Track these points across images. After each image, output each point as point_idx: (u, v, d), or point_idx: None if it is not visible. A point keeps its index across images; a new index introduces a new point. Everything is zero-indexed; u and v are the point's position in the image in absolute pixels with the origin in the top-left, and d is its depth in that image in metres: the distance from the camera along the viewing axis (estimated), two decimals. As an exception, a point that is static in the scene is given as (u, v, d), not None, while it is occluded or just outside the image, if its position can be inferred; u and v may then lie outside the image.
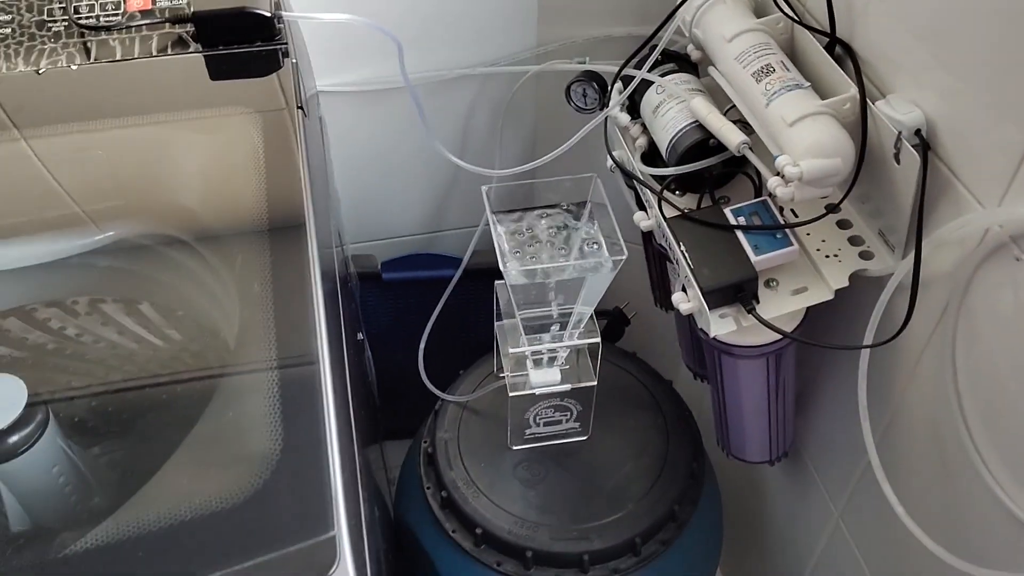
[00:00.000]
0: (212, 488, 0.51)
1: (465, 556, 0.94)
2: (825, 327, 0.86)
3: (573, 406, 0.97)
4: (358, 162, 1.21)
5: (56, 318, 0.84)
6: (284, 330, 0.59)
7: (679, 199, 0.87)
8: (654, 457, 0.99)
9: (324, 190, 0.80)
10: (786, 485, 1.10)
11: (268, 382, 0.56)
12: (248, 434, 0.55)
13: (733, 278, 0.77)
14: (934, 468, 0.77)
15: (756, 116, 0.78)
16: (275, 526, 0.49)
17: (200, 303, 0.79)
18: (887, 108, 0.70)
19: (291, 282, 0.62)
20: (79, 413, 0.76)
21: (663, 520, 0.95)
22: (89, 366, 0.83)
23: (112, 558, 0.49)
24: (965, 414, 0.71)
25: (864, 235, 0.79)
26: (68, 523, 0.71)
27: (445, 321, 1.12)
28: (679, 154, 0.84)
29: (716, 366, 0.89)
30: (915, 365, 0.77)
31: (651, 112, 0.88)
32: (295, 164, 0.69)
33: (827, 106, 0.73)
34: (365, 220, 1.28)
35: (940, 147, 0.68)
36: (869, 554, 0.93)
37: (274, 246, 0.65)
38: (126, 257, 0.83)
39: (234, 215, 0.70)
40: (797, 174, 0.71)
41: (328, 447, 0.52)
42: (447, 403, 1.04)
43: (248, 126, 0.73)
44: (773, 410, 0.92)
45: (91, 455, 0.75)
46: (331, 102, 1.11)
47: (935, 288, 0.72)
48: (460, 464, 0.98)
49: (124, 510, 0.52)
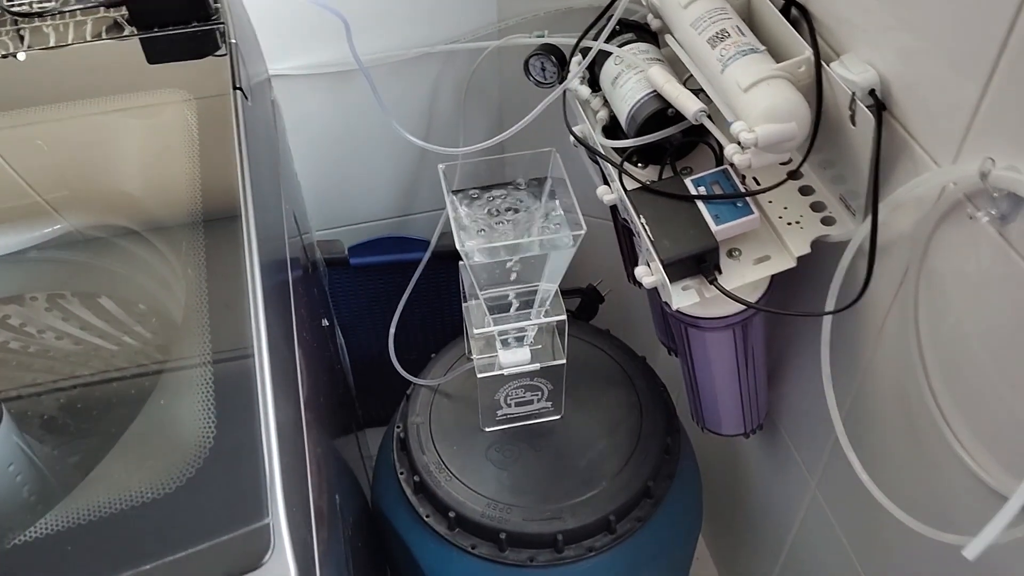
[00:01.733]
0: (147, 481, 0.50)
1: (440, 540, 0.93)
2: (792, 295, 0.85)
3: (544, 385, 0.96)
4: (321, 147, 1.19)
5: (16, 315, 0.83)
6: (221, 321, 0.58)
7: (641, 171, 0.86)
8: (628, 434, 0.98)
9: (272, 176, 0.78)
10: (763, 457, 1.09)
11: (205, 374, 0.55)
12: (184, 426, 0.54)
13: (694, 249, 0.76)
14: (901, 435, 0.76)
15: (712, 83, 0.76)
16: (209, 515, 0.48)
17: (156, 295, 0.78)
18: (841, 69, 0.69)
19: (230, 271, 0.61)
20: (37, 409, 0.75)
21: (638, 497, 0.94)
22: (51, 363, 0.82)
23: (46, 552, 0.48)
24: (930, 377, 0.70)
25: (826, 201, 0.78)
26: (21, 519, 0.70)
27: (416, 304, 1.11)
28: (638, 125, 0.82)
29: (684, 339, 0.88)
30: (879, 331, 0.76)
31: (610, 84, 0.86)
32: (232, 149, 0.67)
33: (781, 69, 0.71)
34: (331, 206, 1.26)
35: (895, 107, 0.67)
36: (845, 523, 0.92)
37: (210, 235, 0.64)
38: (80, 249, 0.81)
39: (174, 204, 0.68)
40: (752, 140, 0.69)
41: (263, 436, 0.51)
42: (419, 387, 1.03)
43: (187, 110, 0.71)
44: (744, 381, 0.91)
45: (48, 451, 0.74)
46: (288, 86, 1.09)
47: (895, 251, 0.71)
48: (432, 448, 0.97)
49: (60, 505, 0.51)
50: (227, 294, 0.60)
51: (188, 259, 0.65)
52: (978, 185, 0.58)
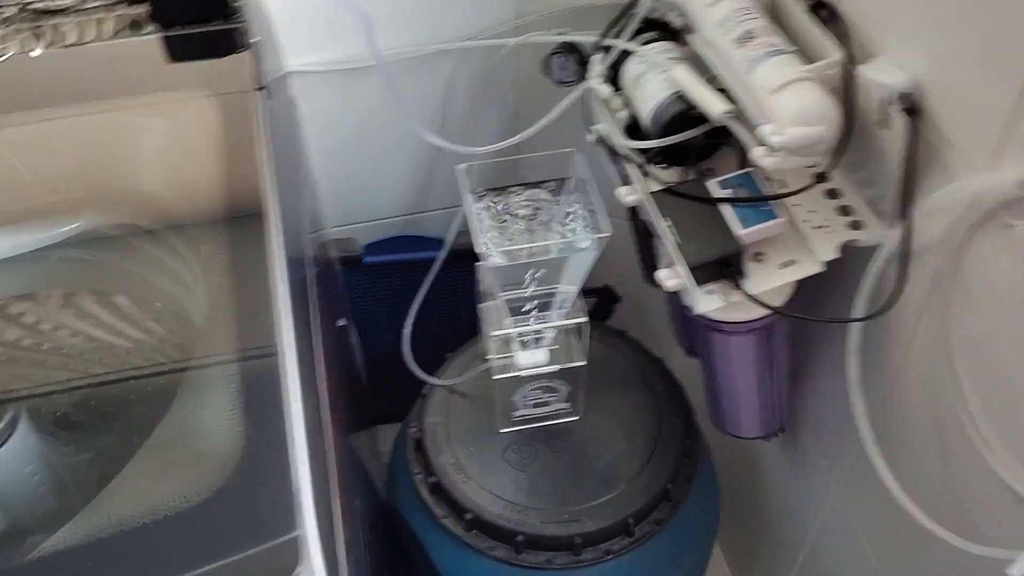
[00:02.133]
0: (171, 491, 0.49)
1: (456, 542, 0.92)
2: (818, 300, 0.83)
3: (562, 386, 0.95)
4: (336, 144, 1.18)
5: (31, 312, 0.82)
6: (246, 322, 0.57)
7: (663, 172, 0.85)
8: (646, 436, 0.97)
9: (292, 174, 0.77)
10: (783, 461, 1.08)
11: (229, 378, 0.54)
12: (209, 433, 0.53)
13: (718, 253, 0.75)
14: (931, 443, 0.75)
15: (739, 84, 0.75)
16: (236, 528, 0.47)
17: (172, 294, 0.77)
18: (873, 72, 0.68)
19: (253, 271, 0.60)
20: (54, 410, 0.74)
21: (657, 500, 0.93)
22: (66, 361, 0.82)
23: (69, 566, 0.47)
24: (962, 387, 0.69)
25: (854, 205, 0.77)
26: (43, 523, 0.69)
27: (431, 303, 1.10)
28: (661, 126, 0.81)
29: (706, 343, 0.87)
30: (910, 337, 0.75)
31: (632, 83, 0.85)
32: (256, 149, 0.66)
33: (811, 71, 0.70)
34: (346, 203, 1.25)
35: (929, 111, 0.66)
36: (868, 532, 0.91)
37: (235, 234, 0.63)
38: (96, 248, 0.81)
39: (195, 203, 0.67)
40: (781, 143, 0.68)
41: (290, 443, 0.50)
42: (435, 387, 1.03)
43: (207, 110, 0.70)
44: (766, 386, 0.90)
45: (66, 453, 0.73)
46: (305, 83, 1.08)
47: (927, 258, 0.70)
48: (449, 449, 0.97)
49: (82, 515, 0.50)
50: (250, 294, 0.59)
51: (209, 258, 0.64)
52: (1016, 193, 0.57)
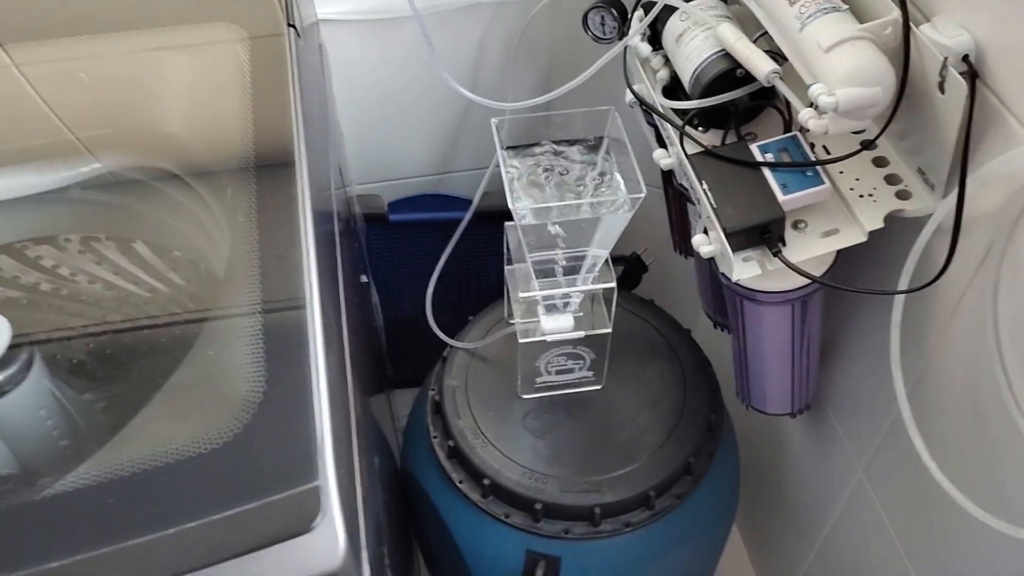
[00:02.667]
0: (191, 433, 0.48)
1: (472, 507, 0.91)
2: (855, 272, 0.81)
3: (587, 354, 0.93)
4: (364, 97, 1.15)
5: (48, 256, 0.81)
6: (272, 271, 0.55)
7: (702, 135, 0.82)
8: (670, 408, 0.95)
9: (322, 122, 0.75)
10: (807, 439, 1.06)
11: (254, 325, 0.52)
12: (231, 378, 0.51)
13: (758, 219, 0.72)
14: (969, 422, 0.72)
15: (788, 42, 0.72)
16: (256, 474, 0.45)
17: (193, 242, 0.75)
18: (932, 32, 0.64)
19: (282, 220, 0.58)
20: (70, 354, 0.73)
21: (678, 473, 0.91)
22: (83, 307, 0.80)
23: (84, 503, 0.46)
24: (1006, 365, 0.66)
25: (902, 173, 0.74)
26: (53, 466, 0.68)
27: (454, 265, 1.08)
28: (703, 86, 0.78)
29: (738, 313, 0.84)
30: (952, 312, 0.72)
31: (674, 41, 0.82)
32: (286, 89, 0.64)
33: (866, 30, 0.67)
34: (371, 159, 1.23)
35: (989, 75, 0.63)
36: (894, 512, 0.89)
37: (262, 180, 0.61)
38: (117, 191, 0.79)
39: (222, 147, 0.65)
40: (832, 104, 0.65)
41: (314, 393, 0.48)
42: (455, 350, 1.01)
43: (238, 47, 0.68)
44: (797, 360, 0.87)
45: (81, 398, 0.72)
46: (334, 32, 1.05)
47: (978, 230, 0.67)
48: (468, 413, 0.95)
49: (99, 455, 0.48)
50: (277, 242, 0.57)
51: (235, 205, 0.62)
52: (1084, 161, 0.54)
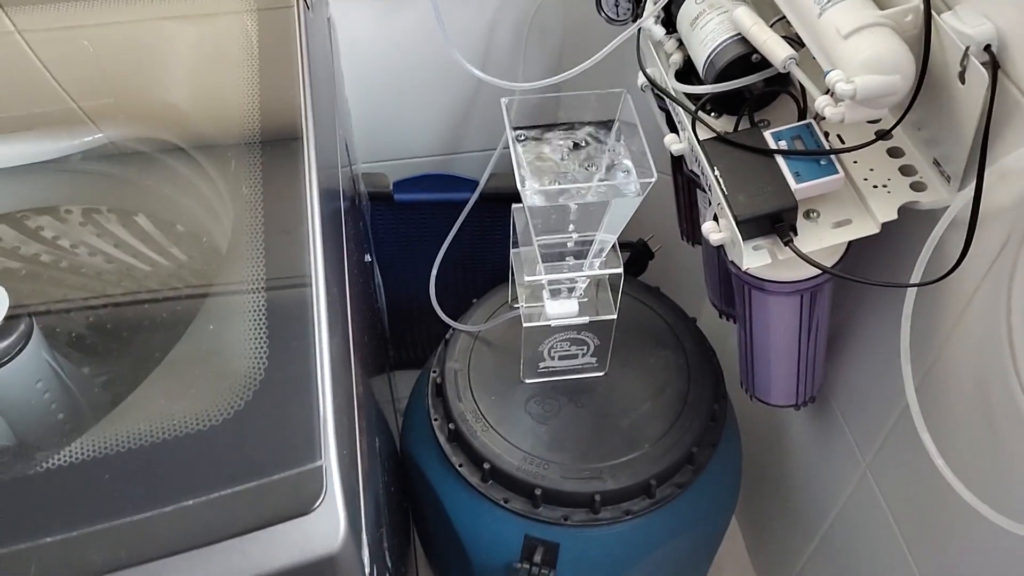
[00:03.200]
0: (191, 409, 0.47)
1: (472, 491, 0.90)
2: (867, 263, 0.80)
3: (591, 340, 0.92)
4: (372, 74, 1.14)
5: (49, 227, 0.80)
6: (277, 247, 0.54)
7: (715, 121, 0.81)
8: (674, 397, 0.94)
9: (329, 97, 0.73)
10: (810, 431, 1.05)
11: (257, 302, 0.52)
12: (233, 355, 0.50)
13: (770, 207, 0.71)
14: (978, 418, 0.71)
15: (806, 27, 0.70)
16: (257, 453, 0.44)
17: (196, 217, 0.74)
18: (954, 20, 0.63)
19: (287, 195, 0.57)
20: (69, 327, 0.72)
21: (680, 462, 0.90)
22: (83, 280, 0.79)
23: (83, 478, 0.45)
24: (1017, 361, 0.65)
25: (917, 164, 0.73)
26: (50, 439, 0.67)
27: (459, 247, 1.07)
28: (718, 70, 0.77)
29: (746, 302, 0.83)
30: (965, 307, 0.71)
31: (688, 24, 0.80)
32: (295, 62, 0.63)
33: (887, 17, 0.66)
34: (378, 137, 1.21)
35: (1011, 66, 0.61)
36: (898, 507, 0.88)
37: (268, 154, 0.60)
38: (119, 163, 0.78)
39: (228, 120, 0.64)
40: (850, 91, 0.64)
41: (318, 371, 0.47)
42: (458, 332, 1.00)
43: (245, 19, 0.67)
44: (803, 351, 0.87)
45: (79, 371, 0.71)
46: (344, 5, 1.04)
47: (993, 224, 0.66)
48: (469, 396, 0.94)
49: (97, 428, 0.47)
50: (282, 218, 0.56)
51: (239, 179, 0.61)
52: (1108, 155, 0.53)
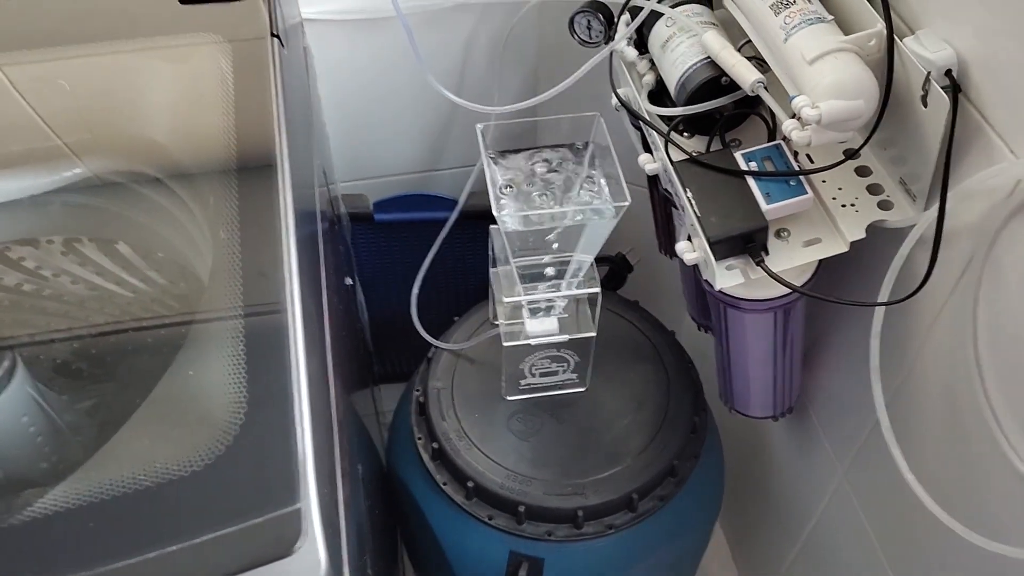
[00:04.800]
0: (171, 454, 0.47)
1: (456, 509, 0.91)
2: (838, 280, 0.81)
3: (571, 357, 0.94)
4: (349, 96, 1.15)
5: (31, 257, 0.80)
6: (251, 277, 0.55)
7: (687, 141, 0.82)
8: (654, 410, 0.96)
9: (305, 126, 0.74)
10: (790, 441, 1.07)
11: (234, 334, 0.52)
12: (211, 393, 0.51)
13: (742, 228, 0.73)
14: (948, 434, 0.73)
15: (773, 52, 0.72)
16: (237, 497, 0.45)
17: (176, 245, 0.75)
18: (916, 45, 0.65)
19: (262, 225, 0.57)
20: (52, 354, 0.73)
21: (661, 476, 0.92)
22: (67, 308, 0.80)
23: (66, 527, 0.45)
24: (984, 377, 0.67)
25: (884, 184, 0.74)
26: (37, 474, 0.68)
27: (440, 265, 1.08)
28: (688, 93, 0.78)
29: (721, 319, 0.85)
30: (932, 323, 0.73)
31: (660, 47, 0.82)
32: (269, 98, 0.64)
33: (850, 42, 0.67)
34: (357, 158, 1.22)
35: (972, 89, 0.63)
36: (874, 518, 0.89)
37: (244, 186, 0.60)
38: (100, 194, 0.78)
39: (203, 152, 0.65)
40: (815, 116, 0.66)
41: (296, 410, 0.48)
42: (440, 351, 1.01)
43: (220, 56, 0.67)
44: (779, 365, 0.88)
45: (64, 400, 0.72)
46: (319, 31, 1.05)
47: (958, 243, 0.67)
48: (453, 415, 0.95)
49: (79, 474, 0.48)
50: (258, 247, 0.56)
51: (216, 209, 0.61)
52: (1063, 180, 0.54)
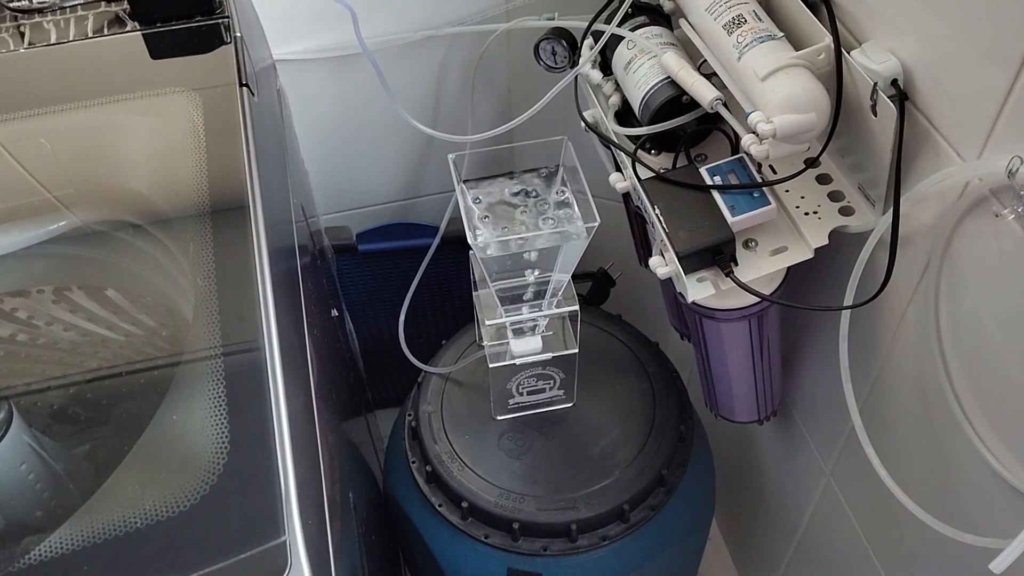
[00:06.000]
0: (159, 496, 0.49)
1: (453, 530, 0.93)
2: (808, 285, 0.83)
3: (556, 374, 0.96)
4: (327, 132, 1.17)
5: (23, 308, 0.82)
6: (231, 317, 0.57)
7: (654, 159, 0.84)
8: (641, 421, 0.97)
9: (279, 165, 0.76)
10: (777, 444, 1.09)
11: (216, 375, 0.54)
12: (196, 434, 0.53)
13: (709, 240, 0.75)
14: (919, 428, 0.75)
15: (728, 70, 0.74)
16: (224, 534, 0.47)
17: (161, 289, 0.77)
18: (862, 57, 0.67)
19: (239, 265, 0.60)
20: (49, 401, 0.75)
21: (651, 486, 0.93)
22: (60, 355, 0.82)
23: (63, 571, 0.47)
24: (950, 372, 0.69)
25: (845, 190, 0.77)
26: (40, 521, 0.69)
27: (426, 290, 1.10)
28: (652, 112, 0.80)
29: (698, 329, 0.87)
30: (898, 323, 0.75)
31: (623, 69, 0.84)
32: (239, 143, 0.66)
33: (800, 57, 0.70)
34: (338, 191, 1.24)
35: (918, 97, 0.65)
36: (859, 511, 0.91)
37: (221, 228, 0.63)
38: (85, 244, 0.81)
39: (181, 198, 0.67)
40: (770, 131, 0.68)
41: (277, 444, 0.50)
42: (430, 375, 1.03)
43: (191, 106, 0.70)
44: (758, 370, 0.90)
45: (61, 447, 0.73)
46: (293, 71, 1.07)
47: (916, 244, 0.69)
48: (444, 437, 0.97)
49: (72, 521, 0.50)
50: (237, 287, 0.58)
51: (196, 252, 0.64)
52: (1004, 182, 0.57)
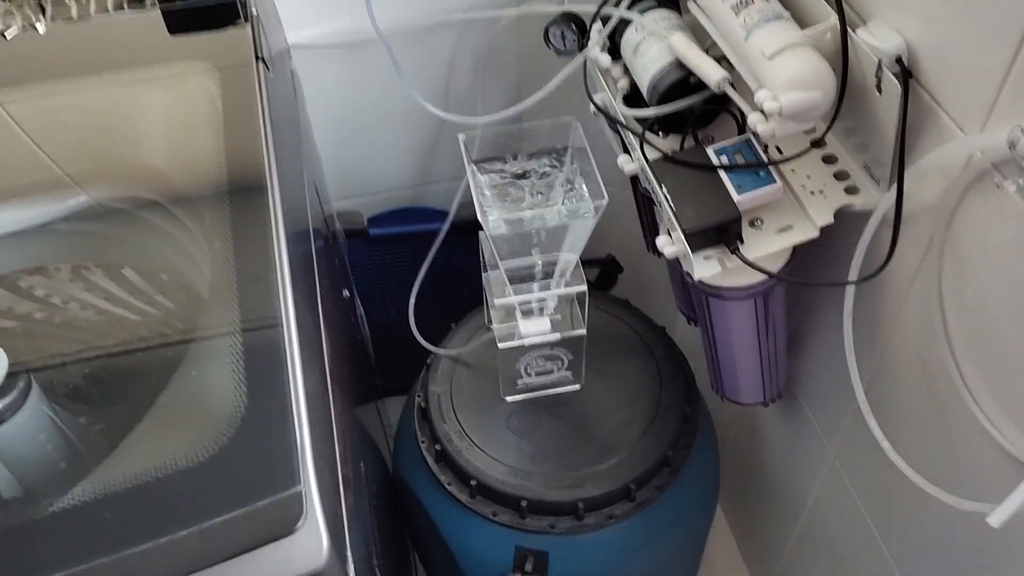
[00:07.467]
0: (180, 449, 0.51)
1: (461, 508, 0.94)
2: (813, 264, 0.84)
3: (564, 355, 0.97)
4: (339, 117, 1.19)
5: (40, 286, 0.84)
6: (249, 295, 0.59)
7: (662, 141, 0.85)
8: (647, 403, 0.99)
9: (294, 146, 0.78)
10: (782, 425, 1.10)
11: (234, 348, 0.56)
12: (215, 395, 0.54)
13: (716, 219, 0.76)
14: (923, 403, 0.76)
15: (735, 51, 0.75)
16: (242, 483, 0.49)
17: (178, 267, 0.78)
18: (867, 36, 0.68)
19: (256, 244, 0.61)
20: (66, 379, 0.76)
21: (657, 465, 0.95)
22: (76, 332, 0.83)
23: (83, 518, 0.49)
24: (953, 347, 0.70)
25: (850, 169, 0.78)
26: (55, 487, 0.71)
27: (436, 274, 1.11)
28: (660, 94, 0.82)
29: (705, 309, 0.88)
30: (903, 300, 0.76)
31: (631, 52, 0.85)
32: (256, 119, 0.68)
33: (807, 36, 0.71)
34: (350, 176, 1.26)
35: (922, 74, 0.66)
36: (863, 490, 0.92)
37: (238, 207, 0.64)
38: (103, 220, 0.82)
39: (198, 175, 0.69)
40: (776, 109, 0.69)
41: (293, 406, 0.51)
42: (439, 356, 1.04)
43: (209, 82, 0.71)
44: (764, 351, 0.91)
45: (78, 421, 0.75)
46: (306, 56, 1.09)
47: (920, 220, 0.70)
48: (453, 417, 0.98)
49: (97, 473, 0.52)
50: (253, 265, 0.60)
51: (213, 230, 0.65)
52: (1006, 154, 0.58)
